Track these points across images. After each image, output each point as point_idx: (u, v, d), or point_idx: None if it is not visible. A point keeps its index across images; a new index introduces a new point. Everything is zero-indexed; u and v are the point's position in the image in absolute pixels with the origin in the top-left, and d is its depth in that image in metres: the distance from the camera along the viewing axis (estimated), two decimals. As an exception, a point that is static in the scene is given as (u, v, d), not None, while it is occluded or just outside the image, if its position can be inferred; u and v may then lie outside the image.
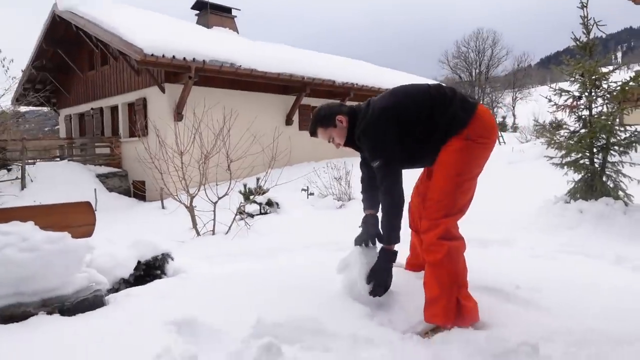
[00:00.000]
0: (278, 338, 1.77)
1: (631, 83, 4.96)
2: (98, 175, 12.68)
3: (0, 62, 10.68)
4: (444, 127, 2.20)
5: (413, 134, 2.24)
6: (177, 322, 2.05)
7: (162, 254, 3.36)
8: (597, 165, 5.10)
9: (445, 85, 2.46)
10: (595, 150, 5.11)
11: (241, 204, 6.98)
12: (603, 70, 5.30)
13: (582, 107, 5.36)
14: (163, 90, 11.88)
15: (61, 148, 14.35)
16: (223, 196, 6.47)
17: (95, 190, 11.21)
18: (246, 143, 7.35)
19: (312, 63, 15.17)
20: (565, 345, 1.81)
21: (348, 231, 2.60)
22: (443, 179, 2.20)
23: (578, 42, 5.44)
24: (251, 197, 7.34)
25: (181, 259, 3.66)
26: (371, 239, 2.48)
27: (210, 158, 6.70)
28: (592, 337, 1.90)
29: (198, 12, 18.61)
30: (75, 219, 2.60)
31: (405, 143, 2.24)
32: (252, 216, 7.05)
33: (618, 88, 5.07)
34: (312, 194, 8.73)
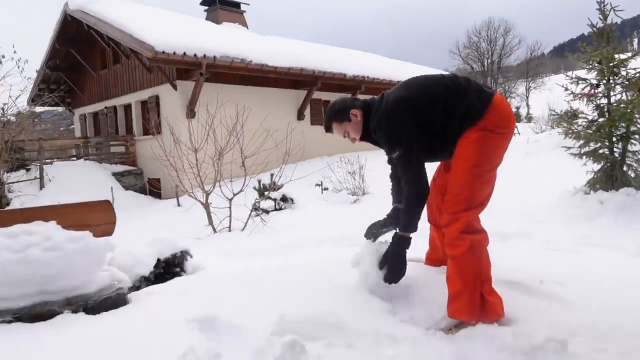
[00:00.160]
0: (301, 335, 1.77)
1: (652, 70, 4.86)
2: (114, 173, 12.84)
3: (15, 63, 10.82)
4: (460, 118, 2.17)
5: (428, 126, 2.21)
6: (199, 320, 2.06)
7: (181, 252, 3.40)
8: (617, 154, 5.01)
9: (459, 75, 2.42)
10: (614, 139, 5.02)
11: (256, 200, 7.00)
12: (621, 56, 5.19)
13: (600, 95, 5.25)
14: (175, 87, 11.94)
15: (77, 147, 14.54)
16: (238, 192, 6.50)
17: (111, 188, 11.34)
18: (260, 139, 7.36)
19: (323, 57, 15.10)
20: (592, 340, 1.78)
21: (363, 226, 2.59)
22: (462, 171, 2.17)
23: (595, 29, 5.33)
24: (266, 193, 7.36)
25: (199, 256, 3.69)
26: (382, 228, 2.51)
27: (224, 154, 6.73)
28: (618, 333, 1.87)
29: (207, 8, 18.62)
30: (95, 218, 2.63)
31: (421, 135, 2.21)
32: (267, 212, 7.07)
33: (638, 75, 4.96)
34: (327, 189, 8.73)
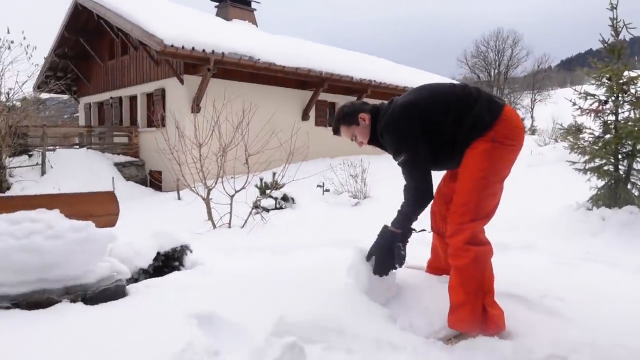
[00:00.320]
0: (300, 337, 1.76)
1: (662, 89, 4.84)
2: (116, 163, 12.85)
3: (24, 49, 10.83)
4: (468, 128, 2.16)
5: (437, 134, 2.20)
6: (198, 316, 2.05)
7: (181, 246, 3.38)
8: (622, 172, 4.98)
9: (470, 85, 2.41)
10: (620, 156, 4.99)
11: (257, 198, 6.99)
12: (631, 74, 5.17)
13: (608, 112, 5.23)
14: (182, 81, 11.94)
15: (80, 136, 14.54)
16: (240, 189, 6.49)
17: (112, 178, 11.35)
18: (264, 137, 7.35)
19: (331, 58, 15.11)
20: (593, 358, 1.76)
21: (364, 229, 2.58)
22: (469, 182, 2.15)
23: (606, 44, 5.31)
24: (267, 192, 7.36)
25: (198, 252, 3.67)
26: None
27: (228, 151, 6.72)
28: (620, 352, 1.85)
29: (218, 4, 18.66)
30: (99, 209, 2.62)
31: (428, 143, 2.20)
32: (268, 211, 7.06)
33: (647, 94, 4.94)
34: (328, 191, 8.72)
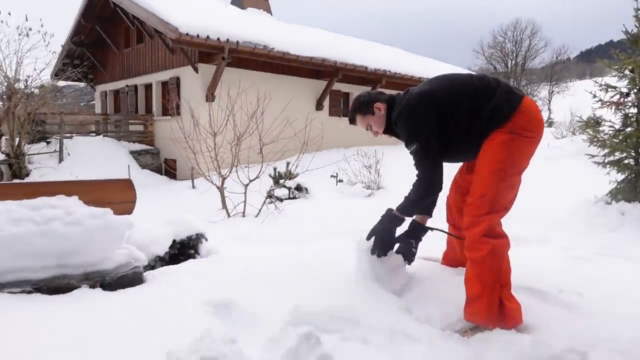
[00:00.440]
0: (316, 327, 1.77)
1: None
2: (131, 151, 12.98)
3: (42, 37, 10.94)
4: (486, 119, 2.13)
5: (452, 125, 2.18)
6: (214, 304, 2.07)
7: (197, 234, 3.40)
8: (643, 166, 4.89)
9: (489, 76, 2.37)
10: (641, 150, 4.89)
11: (271, 188, 7.01)
12: (655, 66, 5.04)
13: (630, 105, 5.12)
14: (196, 70, 11.97)
15: (97, 123, 14.71)
16: (254, 179, 6.51)
17: (128, 166, 11.48)
18: (279, 127, 7.35)
19: (345, 48, 14.99)
20: (612, 353, 1.74)
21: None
22: (487, 173, 2.12)
23: (629, 35, 5.18)
24: (281, 182, 7.37)
25: (213, 240, 3.70)
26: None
27: (242, 140, 6.73)
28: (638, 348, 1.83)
29: (233, -7, 18.60)
30: (116, 196, 2.65)
31: (444, 133, 2.18)
32: (281, 200, 7.08)
33: (671, 86, 4.82)
34: (341, 181, 8.71)
